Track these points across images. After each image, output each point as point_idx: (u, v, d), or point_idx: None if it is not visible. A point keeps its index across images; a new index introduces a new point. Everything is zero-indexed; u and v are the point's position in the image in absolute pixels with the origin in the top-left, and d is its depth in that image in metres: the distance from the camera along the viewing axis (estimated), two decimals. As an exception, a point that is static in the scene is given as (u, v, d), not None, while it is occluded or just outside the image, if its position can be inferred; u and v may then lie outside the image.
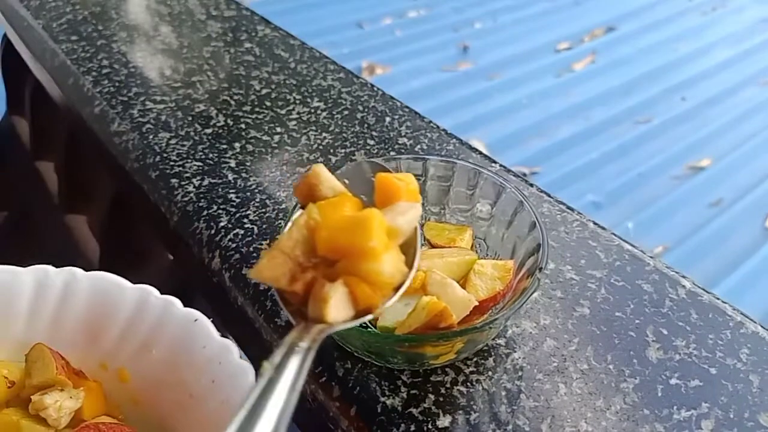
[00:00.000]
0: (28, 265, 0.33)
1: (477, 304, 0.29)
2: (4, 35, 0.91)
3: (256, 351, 0.41)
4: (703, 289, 0.37)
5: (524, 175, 1.96)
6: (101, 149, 0.54)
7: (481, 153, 0.48)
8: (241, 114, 0.53)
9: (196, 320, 0.31)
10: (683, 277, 0.38)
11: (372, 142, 0.50)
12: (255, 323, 0.38)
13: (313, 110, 0.53)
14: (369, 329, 0.32)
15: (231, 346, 0.29)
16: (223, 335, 0.31)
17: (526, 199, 0.35)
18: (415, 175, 0.40)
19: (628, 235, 1.76)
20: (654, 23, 2.67)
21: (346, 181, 0.29)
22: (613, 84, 2.30)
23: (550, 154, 1.97)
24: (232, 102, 0.55)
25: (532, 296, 0.30)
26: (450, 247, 0.36)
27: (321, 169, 0.26)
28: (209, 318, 0.31)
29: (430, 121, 0.52)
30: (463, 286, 0.32)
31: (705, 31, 2.64)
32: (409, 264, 0.25)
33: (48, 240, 0.96)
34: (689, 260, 1.61)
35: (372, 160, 0.37)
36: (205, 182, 0.46)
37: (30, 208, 1.03)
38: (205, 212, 0.44)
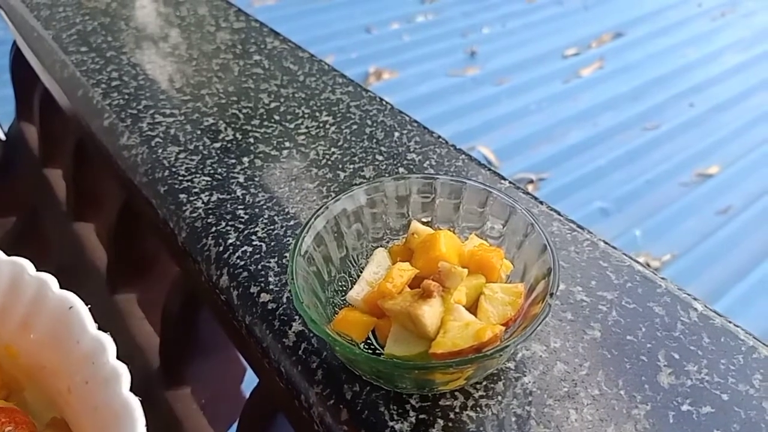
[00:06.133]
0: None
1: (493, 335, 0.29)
2: (14, 42, 0.92)
3: (264, 370, 0.41)
4: (716, 312, 0.37)
5: (531, 181, 1.95)
6: (110, 162, 0.54)
7: (490, 169, 0.48)
8: (249, 128, 0.53)
9: (70, 307, 0.28)
10: (695, 299, 0.38)
11: (381, 158, 0.49)
12: (263, 342, 0.38)
13: (321, 124, 0.53)
14: (378, 356, 0.32)
15: (106, 344, 0.26)
16: (100, 328, 0.28)
17: (537, 221, 0.35)
18: (425, 194, 0.40)
19: (635, 243, 1.76)
20: (662, 29, 2.67)
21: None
22: (621, 90, 2.29)
23: (557, 160, 1.97)
24: (241, 115, 0.55)
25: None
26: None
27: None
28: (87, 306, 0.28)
29: (439, 137, 0.52)
30: (474, 312, 0.32)
31: (714, 36, 2.63)
32: None
33: (55, 247, 0.96)
34: (697, 268, 1.60)
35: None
36: (214, 198, 0.46)
37: (38, 215, 1.03)
38: (213, 229, 0.44)
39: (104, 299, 0.77)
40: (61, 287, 0.32)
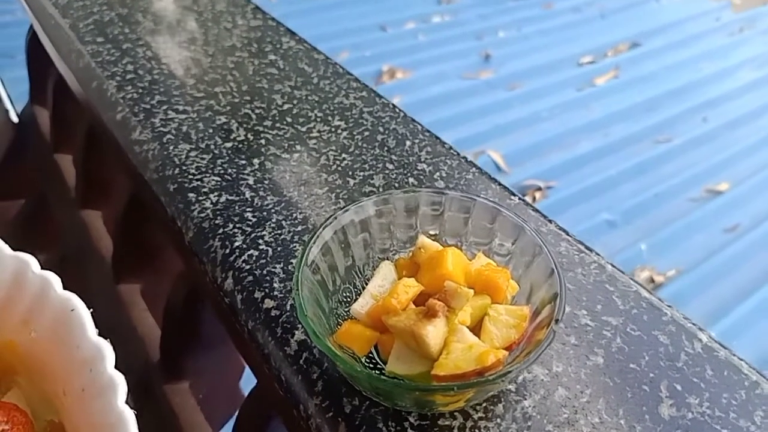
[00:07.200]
0: (39, 255, 0.31)
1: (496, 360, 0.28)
2: (31, 25, 0.92)
3: (264, 374, 0.41)
4: (720, 344, 0.37)
5: (539, 188, 1.94)
6: (121, 155, 0.54)
7: (500, 184, 0.48)
8: (261, 129, 0.53)
9: (72, 310, 0.27)
10: (700, 329, 0.37)
11: (391, 167, 0.49)
12: (264, 349, 0.38)
13: (333, 129, 0.53)
14: (379, 375, 0.32)
15: (105, 352, 0.26)
16: (100, 334, 0.27)
17: (546, 244, 0.35)
18: (434, 207, 0.40)
19: (641, 257, 1.75)
20: (679, 41, 2.65)
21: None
22: (634, 101, 2.28)
23: (567, 168, 1.96)
24: (254, 116, 0.55)
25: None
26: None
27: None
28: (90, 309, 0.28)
29: (450, 147, 0.52)
30: (478, 333, 0.32)
31: (731, 52, 2.61)
32: None
33: (62, 232, 0.97)
34: (702, 285, 1.60)
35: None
36: (223, 198, 0.46)
37: (46, 199, 1.03)
38: (220, 230, 0.44)
39: (108, 288, 0.77)
40: (67, 273, 0.31)
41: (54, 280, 0.29)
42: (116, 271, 0.77)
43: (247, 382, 0.71)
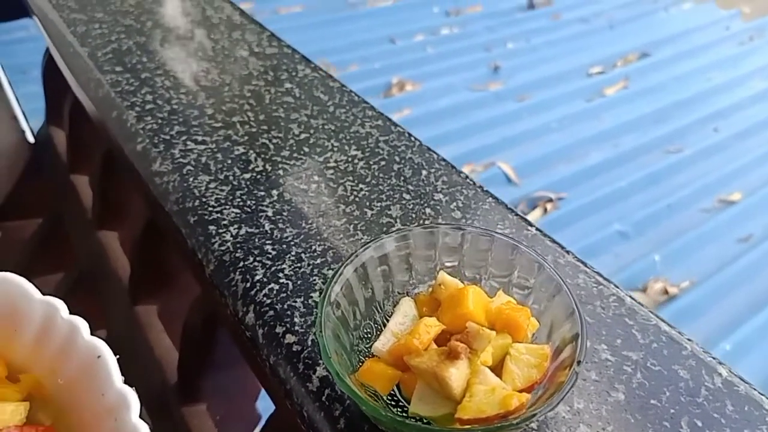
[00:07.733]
0: (55, 275, 0.32)
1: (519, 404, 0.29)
2: (48, 48, 0.93)
3: (283, 404, 0.42)
4: (741, 378, 0.37)
5: (550, 200, 1.92)
6: (141, 186, 0.55)
7: (517, 214, 0.48)
8: (279, 159, 0.54)
9: (99, 357, 0.28)
10: (720, 363, 0.38)
11: (408, 197, 0.50)
12: (286, 384, 0.38)
13: (350, 159, 0.54)
14: (403, 417, 0.32)
15: (130, 401, 0.26)
16: (126, 382, 0.27)
17: (565, 281, 0.35)
18: (453, 242, 0.40)
19: (654, 268, 1.73)
20: (689, 51, 2.64)
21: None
22: (644, 111, 2.28)
23: (577, 179, 1.96)
24: (271, 145, 0.55)
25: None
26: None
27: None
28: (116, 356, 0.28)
29: (467, 177, 0.52)
30: (499, 372, 0.32)
31: (741, 61, 2.60)
32: None
33: (78, 252, 0.98)
34: (716, 296, 1.59)
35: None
36: (243, 231, 0.47)
37: (63, 219, 1.05)
38: (241, 263, 0.44)
39: (125, 309, 0.78)
40: (83, 294, 0.32)
41: (82, 325, 0.29)
42: (133, 292, 0.77)
43: (263, 401, 0.71)
